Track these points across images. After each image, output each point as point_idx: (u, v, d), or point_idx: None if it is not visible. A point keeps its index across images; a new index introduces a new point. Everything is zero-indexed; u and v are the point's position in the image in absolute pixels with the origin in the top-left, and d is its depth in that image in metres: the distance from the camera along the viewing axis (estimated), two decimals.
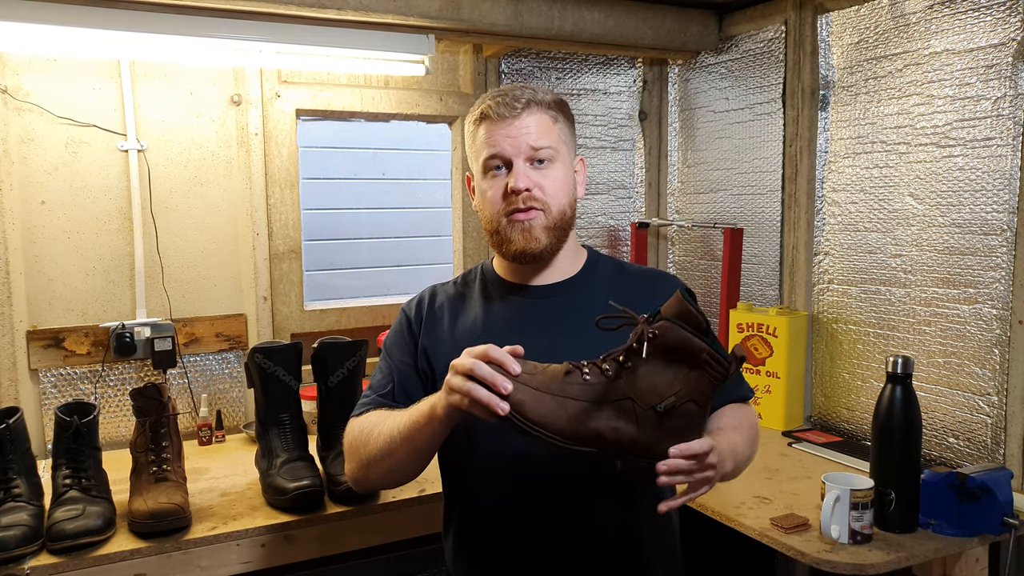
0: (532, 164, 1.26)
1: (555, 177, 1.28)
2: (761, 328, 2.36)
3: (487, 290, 1.37)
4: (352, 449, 1.30)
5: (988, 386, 1.93)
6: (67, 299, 2.18)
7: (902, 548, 1.56)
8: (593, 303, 1.29)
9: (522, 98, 1.26)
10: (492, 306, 1.34)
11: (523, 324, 1.30)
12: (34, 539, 1.54)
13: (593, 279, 1.35)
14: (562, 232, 1.30)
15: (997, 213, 1.90)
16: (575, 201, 1.33)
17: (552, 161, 1.28)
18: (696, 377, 1.03)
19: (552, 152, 1.27)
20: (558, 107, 1.31)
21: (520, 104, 1.26)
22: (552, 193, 1.27)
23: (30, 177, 2.12)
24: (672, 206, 2.91)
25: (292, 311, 2.47)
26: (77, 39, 1.94)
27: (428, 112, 2.57)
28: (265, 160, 2.38)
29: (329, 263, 3.16)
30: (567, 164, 1.31)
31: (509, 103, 1.26)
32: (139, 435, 1.78)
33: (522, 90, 1.29)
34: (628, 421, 1.03)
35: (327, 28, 2.08)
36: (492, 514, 1.31)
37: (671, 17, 2.49)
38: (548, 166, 1.27)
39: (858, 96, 2.22)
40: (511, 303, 1.34)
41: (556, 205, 1.27)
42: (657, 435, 1.03)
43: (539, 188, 1.26)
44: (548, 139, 1.27)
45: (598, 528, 1.28)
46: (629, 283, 1.37)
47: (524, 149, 1.25)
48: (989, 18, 1.89)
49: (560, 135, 1.30)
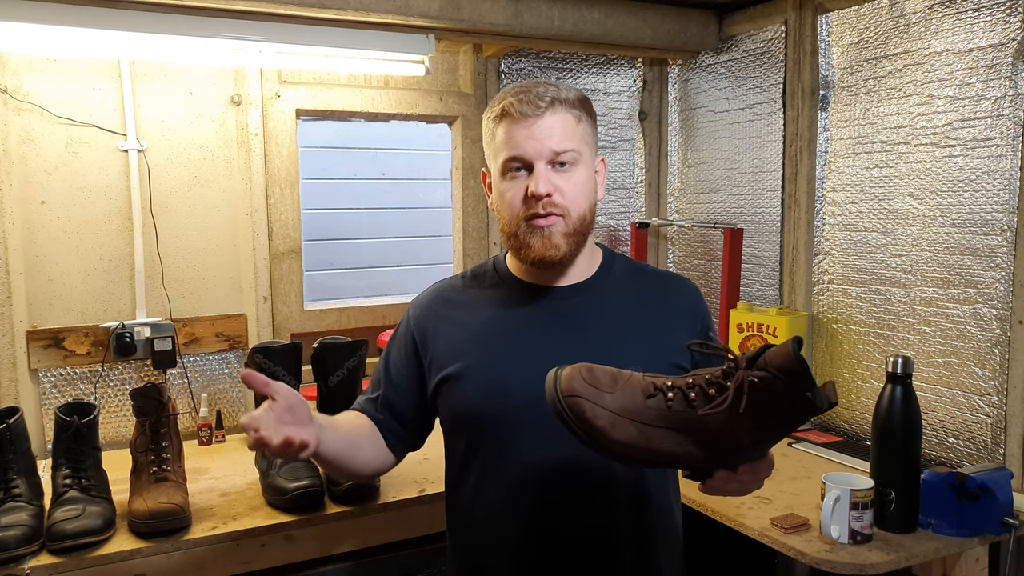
0: (554, 167, 1.22)
1: (577, 180, 1.23)
2: (761, 328, 2.36)
3: (502, 288, 1.34)
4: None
5: (988, 386, 1.93)
6: (67, 299, 2.18)
7: (902, 548, 1.56)
8: (611, 305, 1.28)
9: (546, 96, 1.21)
10: (508, 306, 1.31)
11: (540, 325, 1.28)
12: (34, 539, 1.54)
13: (608, 280, 1.33)
14: (582, 237, 1.26)
15: (997, 213, 1.90)
16: (595, 204, 1.28)
17: (575, 164, 1.23)
18: (785, 424, 1.00)
19: (575, 155, 1.23)
20: (582, 105, 1.26)
21: (544, 103, 1.21)
22: (573, 198, 1.23)
23: (30, 177, 2.12)
24: (672, 206, 2.91)
25: (292, 311, 2.47)
26: (77, 39, 1.94)
27: (428, 112, 2.57)
28: (265, 160, 2.38)
29: (329, 263, 3.16)
30: (589, 166, 1.27)
31: (532, 101, 1.20)
32: (139, 435, 1.78)
33: (545, 87, 1.22)
34: (706, 449, 1.00)
35: (327, 28, 2.08)
36: (504, 524, 1.28)
37: (671, 17, 2.49)
38: (570, 169, 1.23)
39: (858, 96, 2.22)
40: (527, 304, 1.30)
41: (576, 210, 1.23)
42: (731, 461, 1.01)
43: (560, 192, 1.21)
44: (571, 141, 1.22)
45: (612, 531, 1.26)
46: (646, 285, 1.35)
47: (546, 152, 1.20)
48: (989, 18, 1.89)
49: (583, 135, 1.25)
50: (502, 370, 1.24)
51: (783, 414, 0.97)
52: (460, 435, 1.31)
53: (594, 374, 1.01)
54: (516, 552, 1.26)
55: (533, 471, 1.24)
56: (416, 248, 3.24)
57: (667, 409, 0.99)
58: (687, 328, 1.30)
